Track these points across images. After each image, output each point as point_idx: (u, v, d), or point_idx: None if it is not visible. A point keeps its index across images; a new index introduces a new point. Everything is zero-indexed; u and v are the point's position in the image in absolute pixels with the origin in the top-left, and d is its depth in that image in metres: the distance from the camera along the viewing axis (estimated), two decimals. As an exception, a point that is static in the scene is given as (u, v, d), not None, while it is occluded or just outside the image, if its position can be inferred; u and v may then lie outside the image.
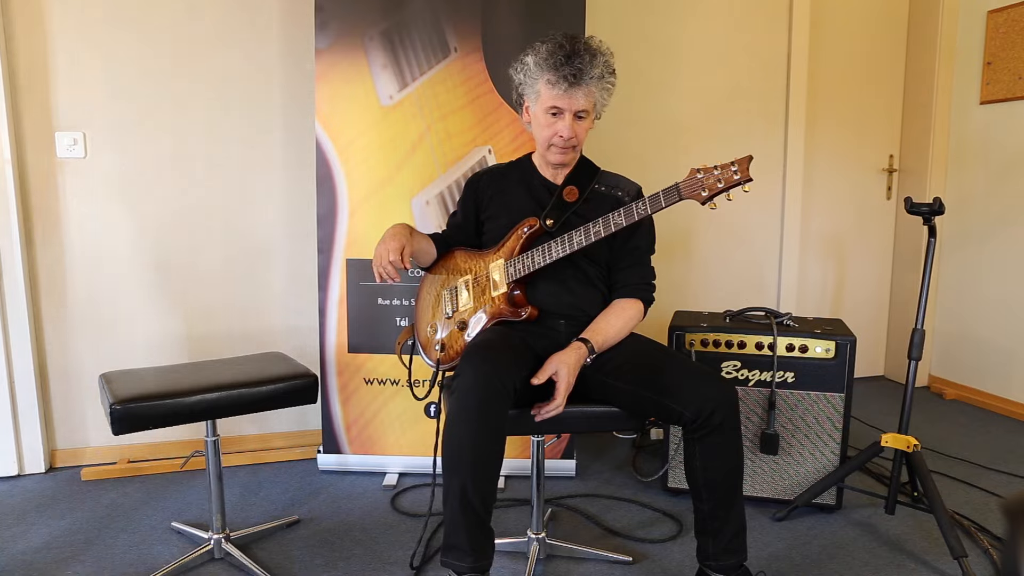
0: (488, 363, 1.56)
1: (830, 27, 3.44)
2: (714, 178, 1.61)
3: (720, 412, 1.56)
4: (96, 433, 2.66)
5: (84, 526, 2.20)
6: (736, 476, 1.64)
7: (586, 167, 1.91)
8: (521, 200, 1.87)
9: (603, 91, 1.77)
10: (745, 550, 1.67)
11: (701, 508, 1.66)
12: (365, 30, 2.40)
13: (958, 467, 2.63)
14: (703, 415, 1.56)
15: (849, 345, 2.18)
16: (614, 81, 1.79)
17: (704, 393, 1.58)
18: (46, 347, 2.60)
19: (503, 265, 1.81)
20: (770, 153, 3.39)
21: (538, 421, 1.63)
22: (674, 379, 1.62)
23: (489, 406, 1.52)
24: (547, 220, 1.80)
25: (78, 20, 2.48)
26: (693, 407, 1.57)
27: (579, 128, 1.77)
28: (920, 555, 2.03)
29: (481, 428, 1.52)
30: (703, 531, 1.68)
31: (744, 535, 1.67)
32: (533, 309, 1.78)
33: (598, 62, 1.72)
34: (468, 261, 1.92)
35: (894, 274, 3.76)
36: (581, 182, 1.86)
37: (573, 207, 1.82)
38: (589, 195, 1.85)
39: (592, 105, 1.76)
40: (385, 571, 1.95)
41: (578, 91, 1.71)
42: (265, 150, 2.71)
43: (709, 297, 3.36)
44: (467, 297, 1.86)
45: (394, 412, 2.53)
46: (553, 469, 2.54)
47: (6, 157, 2.43)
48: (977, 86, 3.33)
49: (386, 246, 1.75)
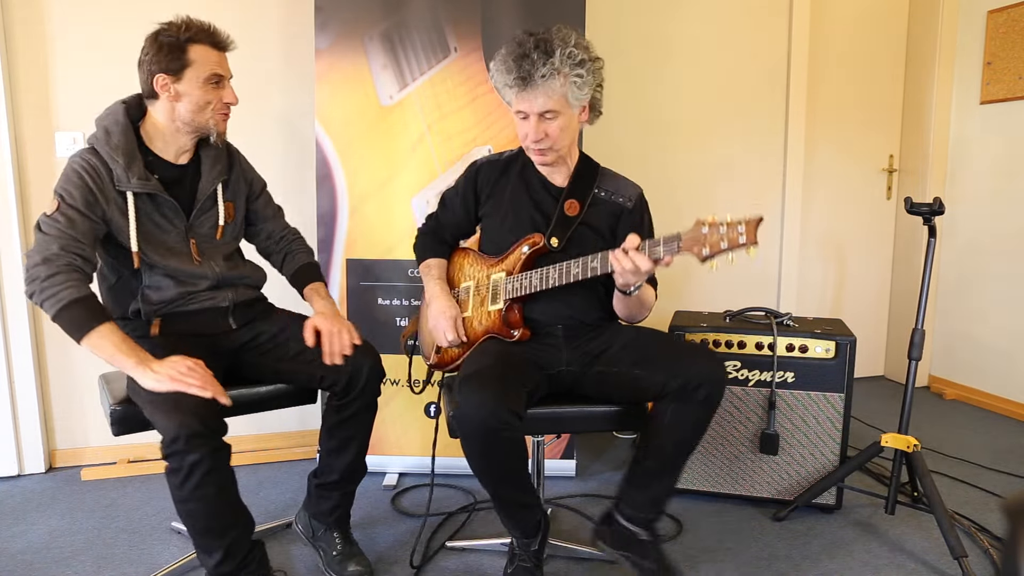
0: (488, 399, 1.53)
1: (830, 27, 3.44)
2: (718, 236, 1.49)
3: (705, 388, 1.60)
4: (96, 433, 2.66)
5: (84, 526, 2.20)
6: (689, 449, 1.71)
7: (586, 167, 1.87)
8: (520, 201, 1.85)
9: (572, 85, 1.66)
10: (663, 510, 1.76)
11: (644, 464, 1.72)
12: (365, 30, 2.40)
13: (958, 467, 2.63)
14: (690, 387, 1.59)
15: (849, 345, 2.18)
16: (583, 72, 1.66)
17: (695, 367, 1.61)
18: (46, 347, 2.60)
19: (504, 280, 1.79)
20: (770, 153, 3.39)
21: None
22: (666, 353, 1.67)
23: (494, 445, 1.57)
24: (552, 240, 1.77)
25: (78, 20, 2.48)
26: (681, 378, 1.60)
27: (549, 128, 1.70)
28: (920, 555, 2.03)
29: (492, 465, 1.63)
30: (634, 483, 1.74)
31: (669, 499, 1.76)
32: (525, 331, 1.77)
33: (556, 58, 1.63)
34: (473, 266, 1.90)
35: (894, 274, 3.76)
36: (580, 188, 1.82)
37: (575, 221, 1.79)
38: (591, 203, 1.81)
39: (560, 103, 1.67)
40: (385, 571, 1.95)
41: (534, 91, 1.65)
42: (265, 150, 2.70)
43: (709, 297, 3.36)
44: (469, 304, 1.87)
45: (394, 412, 2.53)
46: (553, 469, 2.54)
47: (6, 157, 2.43)
48: (977, 86, 3.33)
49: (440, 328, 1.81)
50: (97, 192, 1.63)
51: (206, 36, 1.70)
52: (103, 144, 1.65)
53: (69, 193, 1.61)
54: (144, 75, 1.70)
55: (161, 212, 1.72)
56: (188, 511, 1.54)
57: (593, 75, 1.69)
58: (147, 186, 1.67)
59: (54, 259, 1.55)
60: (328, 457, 1.88)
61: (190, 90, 1.69)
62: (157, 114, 1.72)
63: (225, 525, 1.58)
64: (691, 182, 3.26)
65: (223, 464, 1.53)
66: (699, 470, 2.33)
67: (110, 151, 1.65)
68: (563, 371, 1.77)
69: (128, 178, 1.65)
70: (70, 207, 1.60)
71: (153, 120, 1.73)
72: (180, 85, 1.68)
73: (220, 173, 1.83)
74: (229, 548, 1.58)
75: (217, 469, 1.51)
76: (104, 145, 1.65)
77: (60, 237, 1.57)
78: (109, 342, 1.53)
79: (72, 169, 1.63)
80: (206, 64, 1.69)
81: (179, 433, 1.44)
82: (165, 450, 1.47)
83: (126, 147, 1.67)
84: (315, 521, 1.95)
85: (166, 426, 1.46)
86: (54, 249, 1.55)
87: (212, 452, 1.48)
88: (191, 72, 1.68)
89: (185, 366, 1.54)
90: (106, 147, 1.65)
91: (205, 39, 1.70)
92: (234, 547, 1.59)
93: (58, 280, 1.53)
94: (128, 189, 1.66)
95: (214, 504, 1.54)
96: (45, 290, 1.53)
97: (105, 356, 1.54)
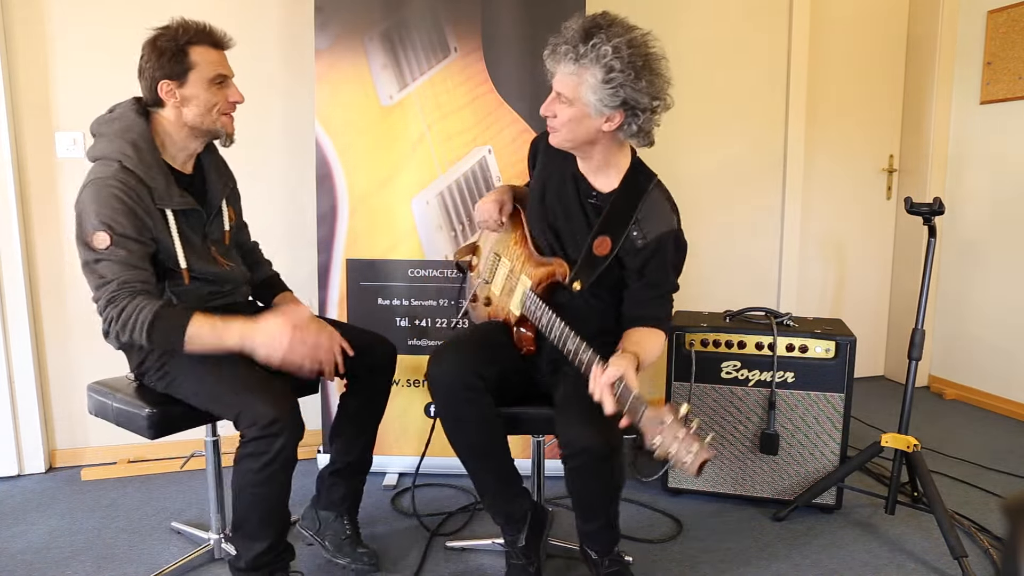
0: (453, 362, 1.64)
1: (830, 27, 3.44)
2: (671, 440, 1.32)
3: (579, 457, 1.53)
4: (96, 433, 2.66)
5: (84, 526, 2.20)
6: (592, 502, 1.65)
7: (632, 186, 1.68)
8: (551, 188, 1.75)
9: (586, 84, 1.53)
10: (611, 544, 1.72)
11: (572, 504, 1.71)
12: (365, 30, 2.40)
13: (958, 467, 2.63)
14: (564, 451, 1.56)
15: (849, 345, 2.18)
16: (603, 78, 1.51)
17: (572, 431, 1.54)
18: (46, 347, 2.60)
19: (527, 289, 1.74)
20: (770, 153, 3.39)
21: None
22: (563, 411, 1.62)
23: (458, 408, 1.64)
24: (575, 284, 1.66)
25: (78, 20, 2.48)
26: (560, 441, 1.57)
27: (559, 110, 1.59)
28: (920, 555, 2.03)
29: (460, 432, 1.68)
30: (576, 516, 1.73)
31: (610, 533, 1.72)
32: (531, 349, 1.77)
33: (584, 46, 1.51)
34: (517, 247, 1.83)
35: (894, 274, 3.76)
36: (616, 221, 1.64)
37: (603, 264, 1.64)
38: (622, 245, 1.64)
39: (572, 92, 1.54)
40: (385, 571, 1.95)
41: (555, 64, 1.57)
42: (265, 150, 2.70)
43: (709, 297, 3.35)
44: (499, 282, 1.87)
45: (394, 412, 2.53)
46: (553, 469, 2.53)
47: (6, 157, 2.43)
48: (977, 86, 3.33)
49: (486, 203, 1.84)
50: (143, 214, 1.57)
51: (205, 36, 1.67)
52: (136, 162, 1.59)
53: (117, 222, 1.54)
54: (147, 83, 1.66)
55: (189, 224, 1.70)
56: (257, 495, 1.59)
57: (623, 90, 1.51)
58: (186, 202, 1.66)
59: (117, 299, 1.53)
60: (343, 444, 1.94)
61: (196, 93, 1.65)
62: (165, 122, 1.68)
63: (281, 515, 1.66)
64: (691, 182, 3.25)
65: (296, 456, 1.60)
66: (699, 470, 2.33)
67: (145, 168, 1.60)
68: (543, 370, 1.79)
69: (170, 196, 1.63)
70: (123, 237, 1.54)
71: (162, 128, 1.68)
72: (185, 89, 1.65)
73: (227, 180, 1.86)
74: (276, 538, 1.65)
75: (294, 459, 1.59)
76: (138, 163, 1.59)
77: (120, 275, 1.53)
78: (207, 336, 1.56)
79: (111, 194, 1.54)
80: (209, 65, 1.67)
81: (278, 416, 1.52)
82: (258, 432, 1.52)
83: (158, 163, 1.63)
84: (324, 512, 1.99)
85: (263, 410, 1.52)
86: (112, 289, 1.53)
87: (296, 442, 1.56)
88: (195, 75, 1.65)
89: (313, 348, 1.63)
90: (140, 165, 1.59)
91: (204, 40, 1.67)
92: (279, 538, 1.67)
93: (128, 311, 1.52)
94: (169, 207, 1.63)
95: (282, 491, 1.62)
96: (126, 328, 1.53)
97: (211, 348, 1.57)
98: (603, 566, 1.72)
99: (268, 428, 1.52)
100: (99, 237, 1.53)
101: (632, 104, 1.55)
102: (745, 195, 3.38)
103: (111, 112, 1.70)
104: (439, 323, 2.49)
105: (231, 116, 1.75)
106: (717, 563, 2.00)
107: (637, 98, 1.54)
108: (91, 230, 1.54)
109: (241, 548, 1.66)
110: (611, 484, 1.61)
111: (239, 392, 1.58)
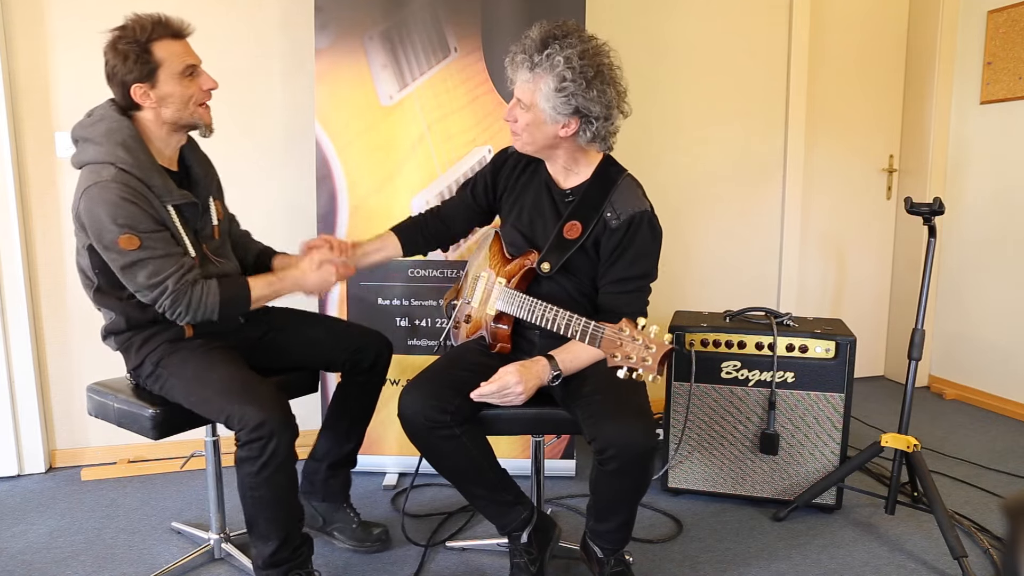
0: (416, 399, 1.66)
1: (830, 27, 3.44)
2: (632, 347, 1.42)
3: (616, 460, 1.52)
4: (96, 433, 2.66)
5: (84, 526, 2.20)
6: (619, 502, 1.65)
7: (603, 180, 1.73)
8: (525, 198, 1.81)
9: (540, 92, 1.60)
10: (622, 543, 1.73)
11: (593, 498, 1.70)
12: (365, 30, 2.40)
13: (958, 467, 2.63)
14: (604, 454, 1.54)
15: (849, 345, 2.18)
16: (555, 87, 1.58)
17: (608, 431, 1.53)
18: (46, 346, 2.60)
19: (503, 288, 1.77)
20: (770, 153, 3.39)
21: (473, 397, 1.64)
22: (592, 412, 1.60)
23: (429, 443, 1.67)
24: (543, 264, 1.71)
25: (78, 20, 2.48)
26: (598, 443, 1.55)
27: (519, 115, 1.66)
28: (920, 555, 2.03)
29: (437, 462, 1.72)
30: (591, 512, 1.72)
31: (625, 533, 1.71)
32: (504, 346, 1.80)
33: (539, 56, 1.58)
34: (494, 260, 1.87)
35: (894, 274, 3.76)
36: (587, 208, 1.70)
37: (573, 246, 1.69)
38: (594, 228, 1.69)
39: (529, 98, 1.61)
40: (385, 571, 1.95)
41: (514, 71, 1.65)
42: (265, 150, 2.70)
43: (709, 297, 3.36)
44: (478, 296, 1.87)
45: (394, 412, 2.52)
46: (553, 469, 2.54)
47: (6, 157, 2.43)
48: (977, 86, 3.33)
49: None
50: (152, 210, 1.59)
51: (164, 30, 1.62)
52: (131, 163, 1.58)
53: (135, 219, 1.55)
54: (118, 88, 1.62)
55: (186, 219, 1.70)
56: (258, 498, 1.60)
57: (575, 98, 1.57)
58: (184, 195, 1.67)
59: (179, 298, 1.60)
60: (339, 436, 2.02)
61: (170, 91, 1.62)
62: (146, 122, 1.66)
63: (288, 514, 1.66)
64: (691, 183, 3.25)
65: (294, 455, 1.61)
66: (699, 470, 2.33)
67: (141, 168, 1.59)
68: None
69: (169, 192, 1.63)
70: (148, 232, 1.56)
71: (144, 129, 1.66)
72: (159, 90, 1.61)
73: (212, 175, 1.86)
74: (287, 536, 1.65)
75: (291, 460, 1.60)
76: (133, 164, 1.58)
77: (168, 269, 1.58)
78: (267, 293, 1.72)
79: (118, 199, 1.54)
80: (175, 58, 1.62)
81: (266, 419, 1.53)
82: (247, 436, 1.54)
83: (152, 161, 1.63)
84: (325, 504, 2.03)
85: (251, 413, 1.54)
86: (171, 288, 1.59)
87: (290, 442, 1.57)
88: (164, 72, 1.61)
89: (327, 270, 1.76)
90: (136, 165, 1.58)
91: (164, 33, 1.62)
92: (291, 536, 1.66)
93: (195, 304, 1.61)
94: (171, 202, 1.63)
95: (283, 491, 1.62)
96: (196, 316, 1.63)
97: (272, 299, 1.75)
98: (609, 565, 1.72)
99: (257, 431, 1.53)
100: (126, 239, 1.55)
101: (585, 112, 1.61)
102: (745, 195, 3.38)
103: (90, 116, 1.67)
104: (439, 323, 2.49)
105: (207, 106, 1.72)
106: (717, 563, 2.00)
107: (589, 107, 1.59)
108: (115, 236, 1.55)
109: (256, 548, 1.67)
110: (643, 483, 1.60)
111: (227, 395, 1.59)
